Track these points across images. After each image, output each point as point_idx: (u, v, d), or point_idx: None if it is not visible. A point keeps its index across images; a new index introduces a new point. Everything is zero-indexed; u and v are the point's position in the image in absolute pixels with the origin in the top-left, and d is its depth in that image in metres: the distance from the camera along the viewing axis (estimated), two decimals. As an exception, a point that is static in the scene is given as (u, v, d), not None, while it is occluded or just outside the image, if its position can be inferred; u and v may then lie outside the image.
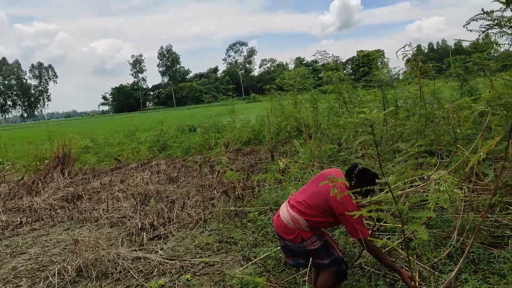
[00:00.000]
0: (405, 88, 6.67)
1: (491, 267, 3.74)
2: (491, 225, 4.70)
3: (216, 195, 7.68)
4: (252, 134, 15.80)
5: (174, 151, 14.45)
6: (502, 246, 4.22)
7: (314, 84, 12.80)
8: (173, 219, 6.55)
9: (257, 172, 9.71)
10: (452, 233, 4.40)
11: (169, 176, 10.24)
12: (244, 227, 5.88)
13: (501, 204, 5.31)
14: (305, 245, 3.38)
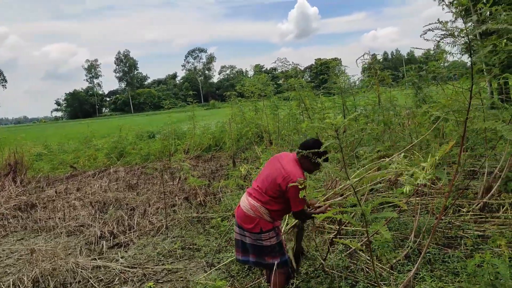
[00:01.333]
0: (365, 95, 6.89)
1: (446, 266, 3.93)
2: (445, 227, 4.93)
3: (178, 201, 7.60)
4: (213, 140, 15.76)
5: (133, 158, 14.17)
6: (456, 246, 4.44)
7: (275, 91, 12.97)
8: (134, 227, 6.42)
9: (218, 178, 9.70)
10: (409, 235, 4.58)
11: (128, 183, 10.02)
12: (207, 233, 5.85)
13: (454, 207, 5.60)
14: (262, 238, 3.40)
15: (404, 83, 7.06)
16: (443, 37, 2.70)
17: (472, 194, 5.97)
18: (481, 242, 4.43)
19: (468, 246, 4.33)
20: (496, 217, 5.10)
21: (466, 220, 5.10)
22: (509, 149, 5.93)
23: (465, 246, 4.35)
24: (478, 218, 5.18)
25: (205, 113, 51.44)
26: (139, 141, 16.92)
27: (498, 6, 5.54)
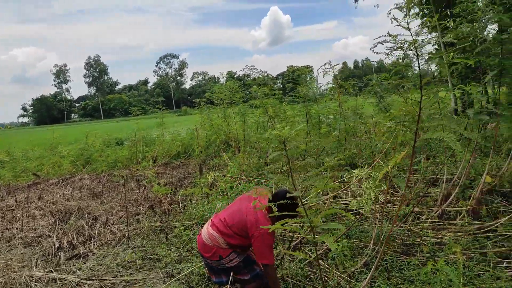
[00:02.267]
0: (326, 104, 6.97)
1: (402, 274, 3.98)
2: (404, 234, 5.01)
3: (142, 210, 7.45)
4: (182, 147, 15.59)
5: (100, 165, 13.85)
6: (413, 253, 4.51)
7: (246, 98, 12.98)
8: (95, 237, 6.25)
9: (185, 186, 9.57)
10: (369, 242, 4.63)
11: (93, 191, 9.77)
12: (169, 242, 5.74)
13: (414, 214, 5.71)
14: (224, 263, 3.39)
15: (367, 92, 7.18)
16: (393, 50, 2.75)
17: (432, 201, 6.09)
18: (437, 249, 4.52)
19: (424, 253, 4.41)
20: (453, 224, 5.22)
21: (425, 228, 5.20)
22: (467, 157, 6.11)
23: (421, 253, 4.43)
24: (436, 225, 5.29)
25: (177, 119, 51.06)
26: (107, 148, 16.58)
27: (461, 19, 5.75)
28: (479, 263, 4.10)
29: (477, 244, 4.54)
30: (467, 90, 5.13)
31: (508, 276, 3.76)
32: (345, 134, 6.20)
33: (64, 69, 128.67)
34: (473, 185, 6.22)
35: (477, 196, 5.46)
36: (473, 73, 6.58)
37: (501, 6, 5.31)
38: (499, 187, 6.27)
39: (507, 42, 5.16)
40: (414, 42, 2.71)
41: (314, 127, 6.90)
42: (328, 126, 6.69)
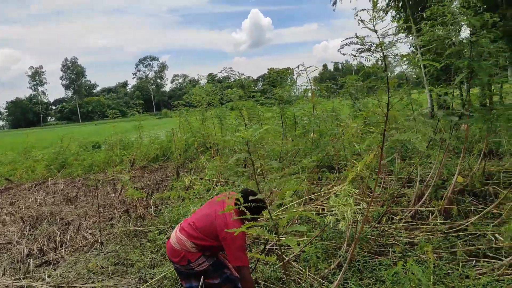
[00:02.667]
0: (300, 106, 7.00)
1: (374, 274, 4.01)
2: (378, 235, 5.05)
3: (117, 214, 7.34)
4: (160, 150, 15.43)
5: (75, 169, 13.58)
6: (386, 254, 4.55)
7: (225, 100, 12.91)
8: (66, 243, 6.12)
9: (162, 190, 9.47)
10: (342, 244, 4.65)
11: (67, 196, 9.57)
12: (143, 247, 5.65)
13: (388, 214, 5.77)
14: (192, 267, 3.35)
15: (342, 93, 7.24)
16: (361, 51, 2.77)
17: (406, 201, 6.17)
18: (409, 249, 4.57)
19: (396, 253, 4.45)
20: (425, 224, 5.29)
21: (399, 228, 5.25)
22: (440, 158, 6.21)
23: (394, 253, 4.47)
24: (410, 225, 5.36)
25: (157, 122, 50.59)
26: (83, 152, 16.28)
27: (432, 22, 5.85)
28: (449, 262, 4.16)
29: (448, 243, 4.61)
30: (436, 91, 5.21)
31: (476, 274, 3.82)
32: (319, 136, 6.22)
33: (40, 71, 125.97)
34: (445, 185, 6.33)
35: (449, 196, 5.55)
36: (445, 75, 6.70)
37: (470, 9, 5.41)
38: (470, 186, 6.40)
39: (476, 44, 5.27)
40: (381, 44, 2.73)
41: (290, 129, 6.92)
42: (303, 127, 6.71)
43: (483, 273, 3.86)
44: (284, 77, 11.72)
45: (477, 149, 7.22)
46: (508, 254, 4.21)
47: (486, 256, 4.27)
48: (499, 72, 6.42)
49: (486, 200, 5.98)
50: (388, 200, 6.11)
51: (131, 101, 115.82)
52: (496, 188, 6.19)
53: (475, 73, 5.35)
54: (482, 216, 5.25)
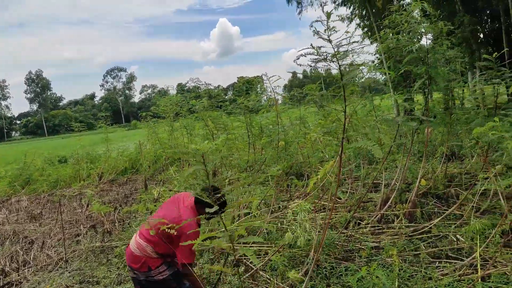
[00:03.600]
0: (265, 116, 7.05)
1: (341, 280, 4.05)
2: (344, 240, 5.11)
3: (83, 231, 7.16)
4: (129, 163, 15.19)
5: (40, 186, 13.18)
6: (353, 259, 4.61)
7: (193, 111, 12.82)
8: (30, 262, 5.92)
9: (131, 203, 9.32)
10: (310, 251, 4.68)
11: (31, 213, 9.28)
12: (109, 263, 5.52)
13: (355, 219, 5.85)
14: (153, 275, 3.28)
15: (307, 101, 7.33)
16: (317, 61, 2.82)
17: (372, 206, 6.27)
18: (375, 253, 4.64)
19: (363, 258, 4.51)
20: (391, 228, 5.40)
21: (365, 233, 5.33)
22: (404, 162, 6.36)
23: (360, 258, 4.53)
24: (376, 229, 5.45)
25: (126, 134, 49.87)
26: (48, 167, 15.82)
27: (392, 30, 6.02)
28: (413, 264, 4.25)
29: (412, 246, 4.71)
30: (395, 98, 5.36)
31: (439, 275, 3.92)
32: (285, 144, 6.27)
33: (2, 85, 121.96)
34: (410, 189, 6.48)
35: (413, 199, 5.68)
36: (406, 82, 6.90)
37: (425, 18, 5.61)
38: (433, 189, 6.58)
39: (433, 51, 5.45)
40: (336, 54, 2.79)
41: (256, 138, 6.95)
42: (268, 136, 6.75)
43: (445, 274, 3.96)
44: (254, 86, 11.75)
45: (440, 152, 7.44)
46: (468, 254, 4.34)
47: (448, 257, 4.39)
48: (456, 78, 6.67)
49: (448, 202, 6.16)
50: (354, 205, 6.20)
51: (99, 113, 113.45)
52: (457, 190, 6.38)
53: (433, 79, 5.53)
54: (445, 217, 5.40)
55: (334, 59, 2.78)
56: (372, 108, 6.51)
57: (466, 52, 16.06)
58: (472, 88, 7.67)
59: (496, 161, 6.43)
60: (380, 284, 3.37)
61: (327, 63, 2.83)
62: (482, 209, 5.44)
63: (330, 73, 12.39)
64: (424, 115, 5.62)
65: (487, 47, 19.64)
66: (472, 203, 5.44)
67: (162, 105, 12.16)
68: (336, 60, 2.80)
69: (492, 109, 5.73)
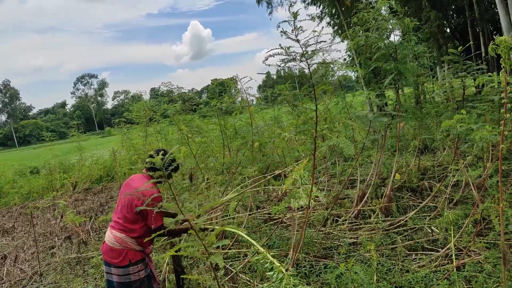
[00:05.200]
0: (238, 117, 7.03)
1: (321, 278, 4.06)
2: (323, 238, 5.14)
3: (58, 242, 6.98)
4: (104, 171, 14.92)
5: (12, 198, 12.80)
6: (331, 256, 4.63)
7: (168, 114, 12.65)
8: (3, 278, 5.73)
9: (107, 212, 9.14)
10: (289, 251, 4.68)
11: (3, 227, 8.99)
12: (86, 275, 5.39)
13: (332, 217, 5.89)
14: (130, 271, 3.20)
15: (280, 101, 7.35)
16: (286, 61, 2.82)
17: (349, 202, 6.33)
18: (353, 249, 4.68)
19: (341, 255, 4.54)
20: (368, 223, 5.46)
21: (343, 229, 5.38)
22: (378, 157, 6.45)
23: (338, 255, 4.56)
24: (353, 225, 5.50)
25: (100, 141, 48.96)
26: (20, 178, 15.37)
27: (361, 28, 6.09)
28: (391, 258, 4.31)
29: (389, 239, 4.78)
30: (366, 94, 5.42)
31: (415, 267, 3.98)
32: (259, 145, 6.27)
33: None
34: (385, 183, 6.58)
35: (388, 193, 5.76)
36: (376, 78, 7.00)
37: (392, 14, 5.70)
38: (408, 183, 6.70)
39: (401, 47, 5.55)
40: (304, 53, 2.79)
41: (231, 140, 6.92)
42: (242, 138, 6.73)
43: (422, 265, 4.03)
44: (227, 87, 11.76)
45: (412, 146, 7.58)
46: (443, 245, 4.43)
47: (424, 249, 4.47)
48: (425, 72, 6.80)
49: (422, 194, 6.27)
50: (331, 202, 6.24)
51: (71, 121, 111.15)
52: (431, 182, 6.51)
53: (403, 74, 5.62)
54: (420, 210, 5.50)
55: (303, 59, 2.78)
56: (345, 105, 6.57)
57: (434, 47, 16.45)
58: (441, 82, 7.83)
59: (466, 153, 6.60)
60: (359, 279, 3.39)
61: (296, 62, 2.83)
62: (455, 200, 5.57)
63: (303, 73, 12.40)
64: (395, 110, 5.71)
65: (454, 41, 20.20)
66: (445, 195, 5.56)
67: (135, 111, 11.97)
68: (305, 60, 2.81)
69: (460, 102, 5.85)
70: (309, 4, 23.83)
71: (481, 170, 5.49)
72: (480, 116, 5.52)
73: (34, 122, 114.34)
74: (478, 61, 16.54)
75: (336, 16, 23.08)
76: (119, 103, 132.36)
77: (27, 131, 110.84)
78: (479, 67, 5.34)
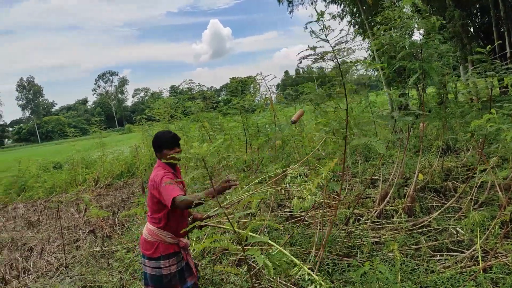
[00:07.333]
0: (261, 115, 7.05)
1: (344, 276, 4.06)
2: (345, 237, 5.13)
3: (82, 236, 7.13)
4: (125, 167, 15.14)
5: (36, 192, 13.10)
6: (354, 255, 4.63)
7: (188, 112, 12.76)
8: (30, 269, 5.88)
9: (128, 207, 9.29)
10: (311, 249, 4.70)
11: (28, 220, 9.22)
12: (110, 267, 5.50)
13: (354, 216, 5.87)
14: (161, 265, 3.24)
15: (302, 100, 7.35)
16: (315, 60, 2.83)
17: (371, 202, 6.29)
18: (376, 249, 4.66)
19: (364, 254, 4.53)
20: (391, 223, 5.43)
21: (365, 228, 5.36)
22: (400, 157, 6.39)
23: (362, 254, 4.55)
24: (376, 225, 5.48)
25: (120, 138, 49.65)
26: (44, 173, 15.71)
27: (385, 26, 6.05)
28: (415, 258, 4.28)
29: (413, 240, 4.74)
30: (391, 93, 5.38)
31: (441, 268, 3.95)
32: (282, 143, 6.28)
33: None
34: (408, 183, 6.52)
35: (411, 193, 5.71)
36: (400, 77, 6.93)
37: (418, 13, 5.64)
38: (431, 183, 6.62)
39: (426, 46, 5.48)
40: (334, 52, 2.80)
41: (253, 138, 6.95)
42: (265, 136, 6.75)
43: (447, 266, 4.00)
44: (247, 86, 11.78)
45: (435, 146, 7.49)
46: (469, 247, 4.37)
47: (449, 250, 4.42)
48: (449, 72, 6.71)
49: (446, 195, 6.20)
50: (353, 201, 6.23)
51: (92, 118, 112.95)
52: (455, 183, 6.43)
53: (427, 74, 5.55)
54: (444, 211, 5.44)
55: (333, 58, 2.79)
56: (368, 104, 6.54)
57: (457, 46, 16.16)
58: (465, 81, 7.72)
59: (492, 153, 6.50)
60: (383, 278, 3.38)
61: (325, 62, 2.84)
62: (481, 202, 5.49)
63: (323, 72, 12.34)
64: (419, 110, 5.65)
65: (478, 41, 19.81)
66: (470, 196, 5.48)
67: (157, 108, 12.11)
68: (335, 59, 2.81)
69: (486, 102, 5.76)
70: (330, 3, 23.67)
71: (507, 171, 5.40)
72: (507, 116, 5.42)
73: (56, 118, 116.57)
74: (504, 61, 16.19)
75: (357, 14, 22.88)
76: (139, 101, 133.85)
77: (50, 127, 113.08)
78: (508, 66, 5.25)
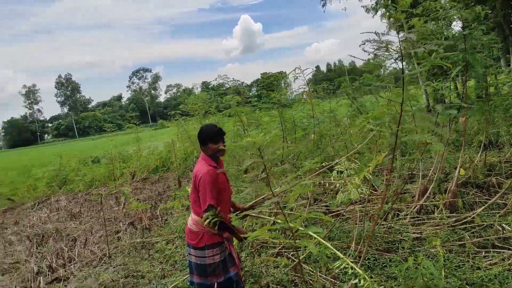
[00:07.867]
0: (299, 109, 7.03)
1: (385, 271, 4.02)
2: (385, 232, 5.07)
3: (122, 227, 7.34)
4: (160, 161, 15.45)
5: (76, 185, 13.57)
6: (395, 250, 4.56)
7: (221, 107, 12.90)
8: (75, 258, 6.11)
9: (165, 200, 9.48)
10: (351, 243, 4.67)
11: (71, 212, 9.57)
12: (151, 258, 5.65)
13: (393, 211, 5.78)
14: (206, 255, 3.29)
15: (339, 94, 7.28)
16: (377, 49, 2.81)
17: (410, 197, 6.18)
18: (418, 244, 4.58)
19: (405, 249, 4.46)
20: (432, 218, 5.32)
21: (405, 224, 5.27)
22: (441, 152, 6.24)
23: (403, 249, 4.49)
24: (416, 220, 5.38)
25: (153, 133, 50.63)
26: (83, 167, 16.24)
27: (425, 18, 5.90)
28: (459, 254, 4.18)
29: (456, 236, 4.63)
30: (432, 86, 5.25)
31: (487, 265, 3.85)
32: (320, 137, 6.24)
33: (33, 89, 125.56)
34: (448, 179, 6.36)
35: (453, 189, 5.57)
36: (441, 69, 6.75)
37: (461, 3, 5.47)
38: (473, 179, 6.43)
39: (469, 37, 5.32)
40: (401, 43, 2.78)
41: (289, 132, 6.94)
42: (303, 130, 6.72)
43: (494, 263, 3.89)
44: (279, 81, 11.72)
45: (477, 141, 7.26)
46: (516, 243, 4.23)
47: (495, 247, 4.29)
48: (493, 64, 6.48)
49: (489, 191, 6.01)
50: (392, 196, 6.13)
51: (126, 114, 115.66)
52: (498, 179, 6.22)
53: (471, 66, 5.39)
54: (487, 207, 5.28)
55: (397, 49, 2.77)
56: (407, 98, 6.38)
57: (499, 38, 15.56)
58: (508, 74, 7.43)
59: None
60: (428, 274, 3.33)
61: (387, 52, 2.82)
62: (527, 198, 5.30)
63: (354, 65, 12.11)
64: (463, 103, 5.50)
65: (520, 32, 18.99)
66: (516, 192, 5.30)
67: (191, 103, 12.28)
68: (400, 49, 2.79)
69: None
70: (364, -4, 23.24)
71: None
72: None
73: (93, 114, 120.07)
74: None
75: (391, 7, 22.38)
76: (171, 96, 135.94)
77: (87, 122, 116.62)
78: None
